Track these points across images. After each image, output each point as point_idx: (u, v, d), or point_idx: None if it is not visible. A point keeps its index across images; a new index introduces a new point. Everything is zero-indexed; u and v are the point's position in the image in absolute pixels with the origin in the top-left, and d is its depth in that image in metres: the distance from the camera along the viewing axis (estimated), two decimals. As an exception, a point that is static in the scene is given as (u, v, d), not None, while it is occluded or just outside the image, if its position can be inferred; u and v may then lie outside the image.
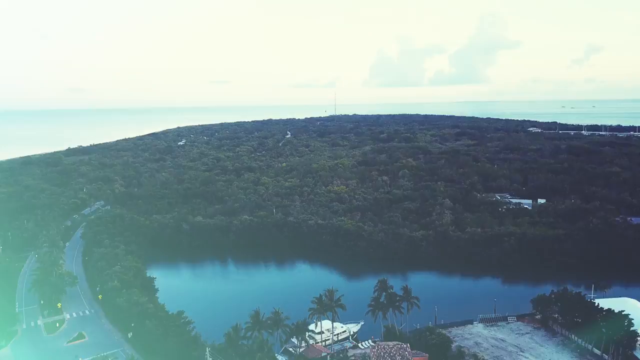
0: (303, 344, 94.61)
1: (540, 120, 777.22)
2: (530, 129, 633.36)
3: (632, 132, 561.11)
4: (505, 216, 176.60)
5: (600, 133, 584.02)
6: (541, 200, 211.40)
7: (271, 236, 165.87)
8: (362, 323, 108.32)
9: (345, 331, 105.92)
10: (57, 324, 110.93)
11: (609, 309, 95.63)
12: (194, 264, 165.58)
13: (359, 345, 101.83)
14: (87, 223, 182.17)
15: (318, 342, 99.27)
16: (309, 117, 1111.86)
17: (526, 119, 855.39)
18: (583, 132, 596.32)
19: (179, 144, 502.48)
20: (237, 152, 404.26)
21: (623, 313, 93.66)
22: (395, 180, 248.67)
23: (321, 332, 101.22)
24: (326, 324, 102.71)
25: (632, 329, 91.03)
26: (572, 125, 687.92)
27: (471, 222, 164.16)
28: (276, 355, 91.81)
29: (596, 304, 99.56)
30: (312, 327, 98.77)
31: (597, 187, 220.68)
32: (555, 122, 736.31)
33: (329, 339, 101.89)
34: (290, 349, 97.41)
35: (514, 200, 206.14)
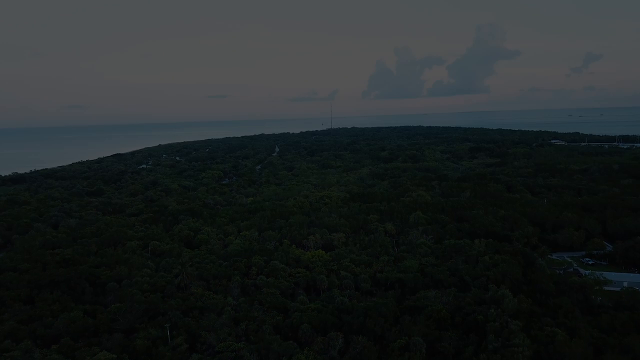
0: None
1: (559, 131, 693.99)
2: (554, 141, 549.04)
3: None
4: (627, 327, 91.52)
5: (637, 144, 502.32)
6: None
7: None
8: None
9: None
10: None
11: None
12: None
13: None
14: None
15: None
16: (304, 130, 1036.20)
17: (532, 128, 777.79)
18: (618, 143, 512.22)
19: (139, 167, 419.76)
20: (200, 178, 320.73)
21: None
22: (405, 230, 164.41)
23: None
24: None
25: None
26: (600, 136, 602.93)
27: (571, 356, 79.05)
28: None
29: None
30: None
31: None
32: (578, 133, 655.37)
33: None
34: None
35: (611, 277, 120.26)
